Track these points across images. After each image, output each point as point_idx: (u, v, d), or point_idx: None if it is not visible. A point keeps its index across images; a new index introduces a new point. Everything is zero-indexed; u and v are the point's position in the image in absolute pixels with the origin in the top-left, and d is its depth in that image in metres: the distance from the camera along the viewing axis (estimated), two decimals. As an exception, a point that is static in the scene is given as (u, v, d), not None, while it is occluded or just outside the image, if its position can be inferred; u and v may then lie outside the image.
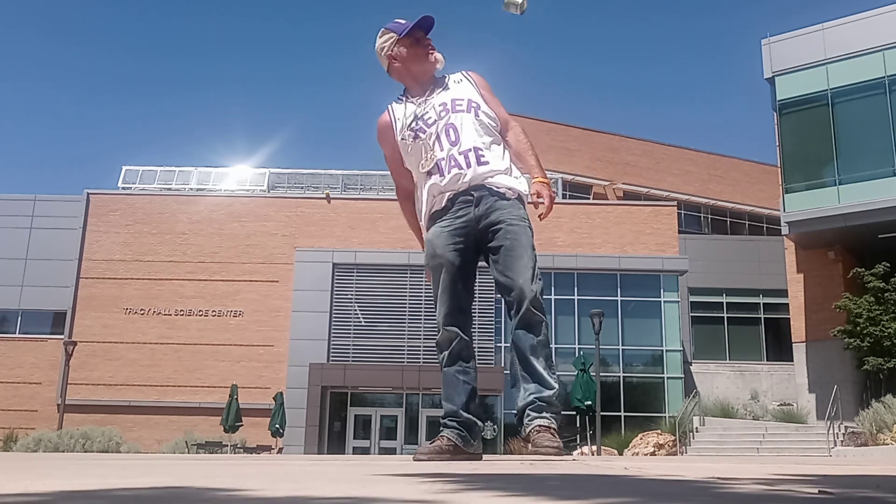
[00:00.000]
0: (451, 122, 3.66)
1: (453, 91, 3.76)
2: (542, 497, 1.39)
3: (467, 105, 3.70)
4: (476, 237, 3.66)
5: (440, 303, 3.67)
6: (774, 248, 27.40)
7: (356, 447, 27.48)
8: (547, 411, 3.46)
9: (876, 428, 16.68)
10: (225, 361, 28.06)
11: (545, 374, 3.50)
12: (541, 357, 3.52)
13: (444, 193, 3.65)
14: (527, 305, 3.51)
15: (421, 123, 3.70)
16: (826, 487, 1.60)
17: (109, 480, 1.85)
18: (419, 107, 3.73)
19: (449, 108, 3.70)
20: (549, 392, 3.48)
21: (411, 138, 3.71)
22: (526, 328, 3.53)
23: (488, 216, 3.61)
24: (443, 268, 3.66)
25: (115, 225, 29.74)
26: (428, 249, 3.72)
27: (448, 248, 3.65)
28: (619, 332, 27.66)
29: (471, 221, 3.63)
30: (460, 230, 3.64)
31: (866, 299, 20.77)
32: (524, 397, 3.51)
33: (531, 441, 3.41)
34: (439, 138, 3.66)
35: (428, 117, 3.70)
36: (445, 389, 3.69)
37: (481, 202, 3.62)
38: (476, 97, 3.74)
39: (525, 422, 3.48)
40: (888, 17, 21.88)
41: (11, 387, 28.29)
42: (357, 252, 28.58)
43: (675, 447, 20.72)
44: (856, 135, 22.19)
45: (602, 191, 37.35)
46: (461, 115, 3.67)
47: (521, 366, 3.56)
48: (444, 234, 3.66)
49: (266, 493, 1.45)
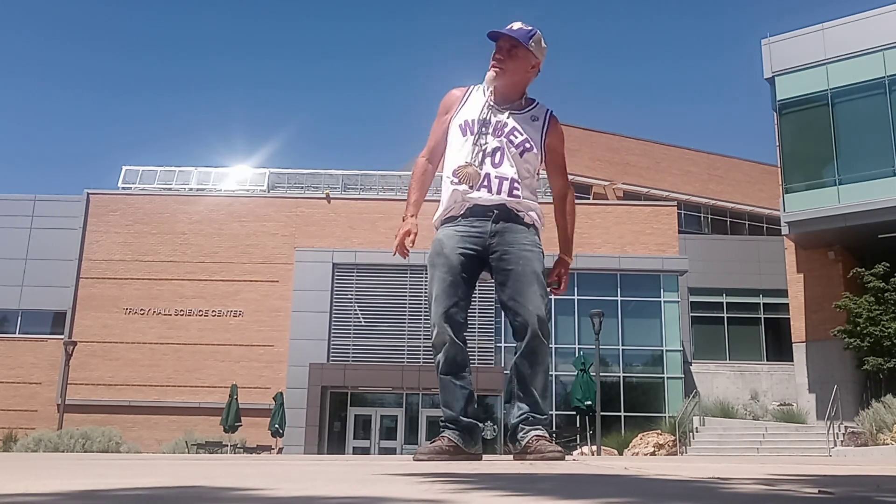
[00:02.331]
0: (502, 147, 3.67)
1: (522, 122, 3.74)
2: (542, 497, 1.39)
3: (522, 142, 3.69)
4: (486, 251, 3.67)
5: (437, 302, 3.66)
6: (774, 248, 27.40)
7: (356, 447, 27.48)
8: (540, 424, 3.61)
9: (876, 428, 16.68)
10: (225, 361, 28.06)
11: (540, 401, 3.63)
12: (539, 384, 3.64)
13: (467, 203, 3.67)
14: (533, 333, 3.57)
15: (479, 126, 3.70)
16: (826, 487, 1.60)
17: (109, 480, 1.85)
18: (490, 111, 3.73)
19: (507, 133, 3.70)
20: (542, 416, 3.64)
21: (466, 131, 3.73)
22: (531, 355, 3.60)
23: (503, 235, 3.64)
24: (446, 268, 3.66)
25: (115, 225, 29.73)
26: (435, 247, 3.72)
27: (456, 250, 3.66)
28: (619, 332, 27.66)
29: (485, 234, 3.65)
30: (473, 238, 3.66)
31: (866, 299, 20.77)
32: (517, 415, 3.64)
33: (532, 450, 3.49)
34: (486, 154, 3.67)
35: (486, 126, 3.70)
36: (443, 395, 3.71)
37: (500, 220, 3.64)
38: (537, 140, 3.73)
39: (520, 435, 3.59)
40: (888, 17, 21.87)
41: (11, 387, 28.29)
42: (357, 252, 28.58)
43: (675, 447, 20.72)
44: (856, 135, 22.19)
45: (602, 191, 37.35)
46: (512, 146, 3.68)
47: (519, 388, 3.65)
48: (455, 237, 3.67)
49: (266, 493, 1.45)
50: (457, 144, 3.73)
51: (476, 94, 3.81)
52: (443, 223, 3.75)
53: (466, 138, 3.70)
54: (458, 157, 3.70)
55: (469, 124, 3.71)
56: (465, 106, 3.78)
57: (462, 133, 3.72)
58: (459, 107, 3.80)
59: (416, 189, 3.87)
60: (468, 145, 3.69)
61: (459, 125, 3.74)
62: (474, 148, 3.67)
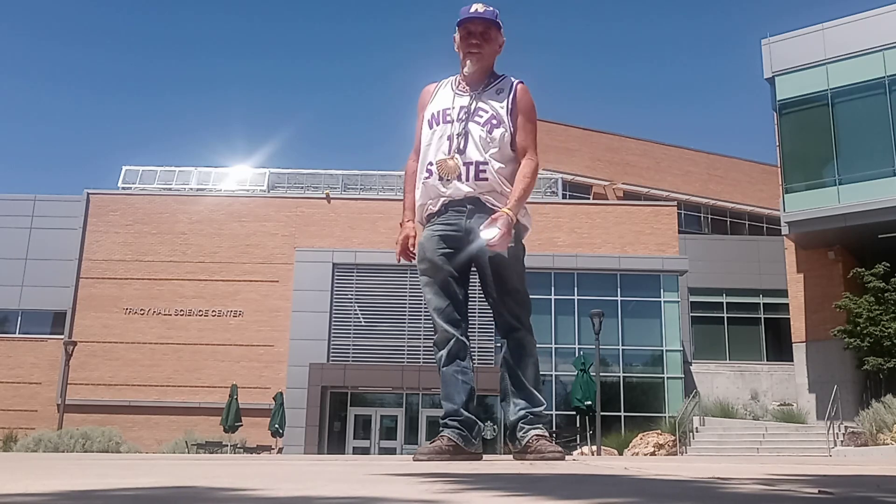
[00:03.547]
0: (467, 132, 3.68)
1: (487, 99, 3.74)
2: (542, 497, 1.39)
3: (488, 119, 3.69)
4: (464, 245, 3.70)
5: (433, 306, 3.74)
6: (774, 248, 27.40)
7: (356, 447, 27.48)
8: (539, 423, 3.64)
9: (876, 428, 16.67)
10: (225, 361, 28.06)
11: (534, 392, 3.67)
12: (530, 376, 3.69)
13: (440, 198, 3.71)
14: (515, 327, 3.71)
15: (442, 116, 3.76)
16: (826, 487, 1.60)
17: (109, 480, 1.85)
18: (454, 98, 3.77)
19: (471, 115, 3.71)
20: (539, 408, 3.66)
21: (432, 123, 3.78)
22: (518, 348, 3.70)
23: (477, 231, 3.62)
24: (431, 272, 3.74)
25: (115, 225, 29.74)
26: (419, 253, 3.80)
27: (436, 252, 3.72)
28: (619, 332, 27.65)
29: (460, 230, 3.69)
30: (449, 237, 3.71)
31: (866, 299, 20.77)
32: (515, 412, 3.67)
33: (532, 450, 3.52)
34: (451, 141, 3.70)
35: (449, 115, 3.74)
36: (444, 389, 3.72)
37: (474, 215, 3.65)
38: (502, 114, 3.70)
39: (519, 434, 3.62)
40: (888, 17, 21.87)
41: (11, 387, 28.29)
42: (357, 252, 28.58)
43: (675, 447, 20.72)
44: (856, 135, 22.18)
45: (602, 191, 37.35)
46: (477, 126, 3.68)
47: (512, 381, 3.71)
48: (433, 239, 3.74)
49: (266, 493, 1.45)
50: (426, 138, 3.79)
51: (445, 86, 3.86)
52: (425, 222, 3.81)
53: (433, 130, 3.75)
54: (428, 151, 3.76)
55: (435, 116, 3.78)
56: (434, 99, 3.84)
57: (430, 126, 3.79)
58: (430, 101, 3.86)
59: (410, 191, 3.92)
60: (436, 138, 3.73)
61: (427, 119, 3.82)
62: (447, 140, 3.70)
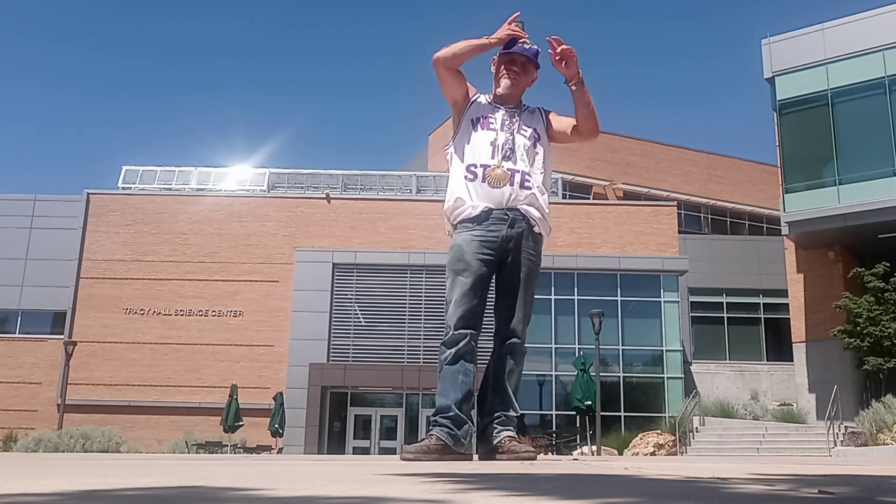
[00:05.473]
0: (514, 141, 3.88)
1: (526, 118, 4.00)
2: (542, 497, 1.39)
3: (531, 133, 3.95)
4: (501, 256, 3.85)
5: (456, 306, 3.80)
6: (774, 248, 27.39)
7: (356, 447, 27.47)
8: (511, 426, 3.79)
9: (876, 428, 16.68)
10: (225, 361, 28.05)
11: (513, 398, 3.85)
12: (513, 383, 3.88)
13: (482, 204, 3.82)
14: (515, 338, 3.89)
15: (485, 122, 3.92)
16: (826, 487, 1.60)
17: (109, 480, 1.85)
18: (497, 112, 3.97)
19: (515, 127, 3.92)
20: (514, 414, 3.84)
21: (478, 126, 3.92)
22: (510, 355, 3.88)
23: (516, 242, 3.83)
24: (467, 273, 3.80)
25: (115, 225, 29.73)
26: (455, 253, 3.86)
27: (476, 256, 3.80)
28: (619, 332, 27.64)
29: (500, 239, 3.81)
30: (491, 244, 3.81)
31: (866, 299, 20.77)
32: (489, 409, 3.82)
33: (505, 450, 3.64)
34: (495, 148, 3.86)
35: (492, 124, 3.92)
36: (442, 385, 3.77)
37: (515, 225, 3.82)
38: (541, 129, 4.00)
39: (493, 434, 3.75)
40: (888, 17, 21.87)
41: (11, 387, 28.28)
42: (357, 252, 28.57)
43: (675, 447, 20.71)
44: (856, 135, 22.18)
45: (602, 191, 37.35)
46: (523, 138, 3.91)
47: (493, 384, 3.87)
48: (474, 243, 3.81)
49: (266, 493, 1.45)
50: (472, 138, 3.91)
51: (482, 97, 4.06)
52: (460, 225, 3.88)
53: (478, 133, 3.89)
54: (473, 152, 3.88)
55: (481, 122, 3.92)
56: (476, 102, 4.01)
57: (473, 127, 3.92)
58: (469, 103, 4.00)
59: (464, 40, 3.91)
60: (478, 140, 3.88)
61: (472, 119, 3.95)
62: (490, 146, 3.86)
